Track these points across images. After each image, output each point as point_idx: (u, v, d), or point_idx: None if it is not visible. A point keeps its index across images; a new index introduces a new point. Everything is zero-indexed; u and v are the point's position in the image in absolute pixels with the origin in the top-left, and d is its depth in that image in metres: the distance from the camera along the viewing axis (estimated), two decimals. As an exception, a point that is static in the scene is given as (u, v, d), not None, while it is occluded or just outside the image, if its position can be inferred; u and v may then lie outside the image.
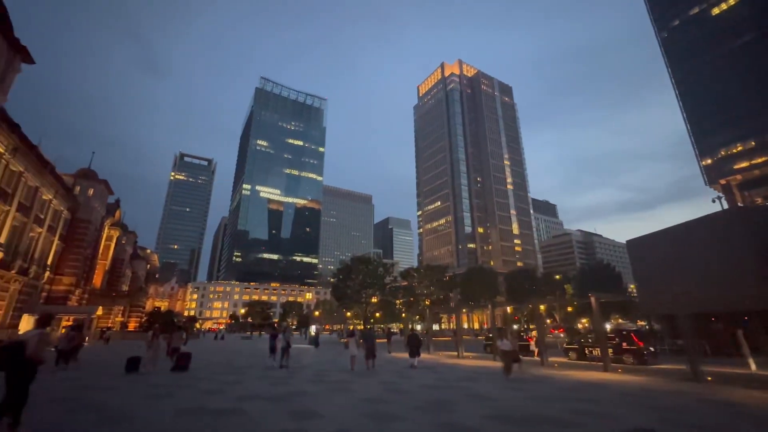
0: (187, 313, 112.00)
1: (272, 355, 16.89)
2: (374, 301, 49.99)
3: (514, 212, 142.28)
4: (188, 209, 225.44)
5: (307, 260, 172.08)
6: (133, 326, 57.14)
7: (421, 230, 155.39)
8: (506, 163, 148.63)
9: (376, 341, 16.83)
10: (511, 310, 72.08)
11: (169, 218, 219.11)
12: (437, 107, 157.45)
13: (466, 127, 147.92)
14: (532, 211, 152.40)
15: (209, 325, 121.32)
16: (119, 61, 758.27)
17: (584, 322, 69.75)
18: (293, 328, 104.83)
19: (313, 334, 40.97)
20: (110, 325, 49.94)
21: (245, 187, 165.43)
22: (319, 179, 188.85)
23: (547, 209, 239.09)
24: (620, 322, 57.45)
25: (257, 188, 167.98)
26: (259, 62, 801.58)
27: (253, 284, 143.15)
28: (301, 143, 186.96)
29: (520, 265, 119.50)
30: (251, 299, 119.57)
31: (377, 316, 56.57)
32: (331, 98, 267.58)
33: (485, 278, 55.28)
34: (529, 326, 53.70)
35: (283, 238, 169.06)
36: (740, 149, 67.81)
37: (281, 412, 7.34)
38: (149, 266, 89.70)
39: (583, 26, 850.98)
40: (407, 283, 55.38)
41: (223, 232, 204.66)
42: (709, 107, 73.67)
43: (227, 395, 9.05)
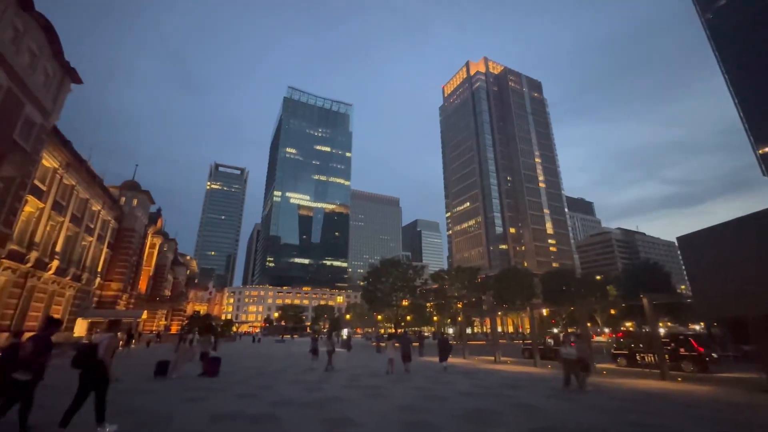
0: (224, 316, 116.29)
1: (314, 357, 17.24)
2: (405, 304, 49.42)
3: (547, 211, 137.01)
4: (223, 217, 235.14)
5: (337, 264, 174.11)
6: (175, 329, 59.90)
7: (450, 232, 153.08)
8: (537, 160, 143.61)
9: (411, 344, 16.92)
10: (547, 312, 68.99)
11: (206, 226, 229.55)
12: (463, 107, 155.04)
13: (494, 125, 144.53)
14: (566, 209, 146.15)
15: (245, 328, 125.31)
16: (159, 80, 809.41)
17: (629, 325, 65.49)
18: (324, 331, 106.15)
19: (345, 337, 41.00)
20: (155, 328, 52.59)
21: (276, 194, 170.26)
22: (346, 184, 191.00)
23: (582, 207, 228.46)
24: (669, 325, 53.39)
25: (287, 195, 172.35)
26: (286, 72, 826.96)
27: (285, 288, 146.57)
28: (328, 149, 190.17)
29: (555, 266, 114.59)
30: (284, 303, 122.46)
31: (408, 319, 55.94)
32: (356, 103, 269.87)
33: (520, 279, 53.20)
34: (569, 330, 51.08)
35: (313, 242, 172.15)
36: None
37: (315, 419, 7.10)
38: (189, 272, 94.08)
39: (617, 13, 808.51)
40: (438, 285, 54.40)
41: (256, 238, 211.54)
42: (764, 91, 67.43)
43: (261, 400, 8.96)
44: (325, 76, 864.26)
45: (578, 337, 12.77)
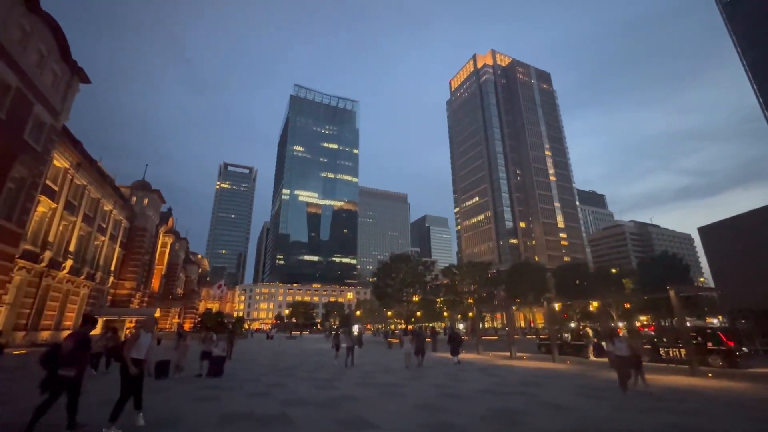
0: (236, 314, 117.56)
1: (337, 353, 17.77)
2: (416, 299, 49.03)
3: (558, 205, 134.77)
4: (233, 216, 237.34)
5: (346, 261, 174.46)
6: (188, 327, 60.52)
7: (459, 227, 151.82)
8: (547, 153, 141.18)
9: (425, 340, 17.36)
10: (559, 307, 67.98)
11: (216, 225, 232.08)
12: (471, 100, 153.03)
13: (502, 118, 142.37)
14: (578, 202, 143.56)
15: (257, 325, 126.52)
16: (170, 81, 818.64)
17: (643, 319, 64.13)
18: (336, 327, 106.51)
19: (356, 333, 40.87)
20: (169, 326, 53.15)
21: (284, 192, 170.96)
22: (354, 181, 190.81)
23: (594, 200, 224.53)
24: (685, 319, 52.01)
25: (296, 192, 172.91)
26: (292, 70, 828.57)
27: (295, 285, 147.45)
28: (335, 146, 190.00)
29: (567, 260, 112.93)
30: (294, 300, 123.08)
31: (418, 314, 55.58)
32: (363, 99, 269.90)
33: (532, 274, 52.28)
34: (581, 324, 50.09)
35: (322, 240, 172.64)
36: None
37: (329, 420, 6.74)
38: (201, 270, 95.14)
39: None
40: (448, 281, 53.81)
41: (266, 236, 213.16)
42: (787, 75, 64.83)
43: (273, 399, 8.66)
44: (331, 73, 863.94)
45: (613, 331, 11.21)
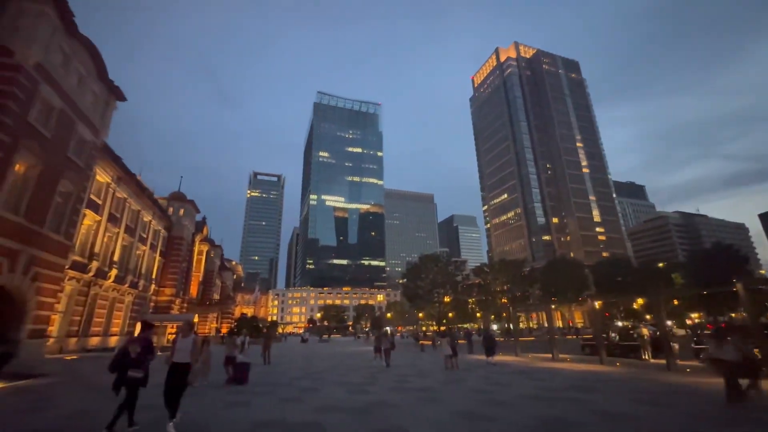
0: (270, 318, 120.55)
1: (377, 355, 18.07)
2: (447, 300, 48.02)
3: (593, 198, 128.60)
4: (264, 223, 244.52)
5: (374, 263, 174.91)
6: (225, 331, 62.53)
7: (488, 225, 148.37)
8: (579, 145, 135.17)
9: (458, 341, 17.48)
10: (599, 305, 64.45)
11: (248, 232, 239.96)
12: (495, 95, 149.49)
13: (529, 111, 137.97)
14: (614, 195, 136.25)
15: (290, 329, 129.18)
16: (197, 97, 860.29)
17: (694, 316, 59.54)
18: (367, 330, 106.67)
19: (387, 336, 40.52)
20: (207, 331, 55.14)
21: (312, 197, 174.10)
22: (379, 183, 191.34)
23: (633, 192, 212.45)
24: (732, 316, 47.67)
25: (323, 197, 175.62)
26: (315, 76, 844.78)
27: (326, 289, 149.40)
28: (359, 150, 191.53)
29: (605, 255, 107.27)
30: (325, 303, 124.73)
31: (450, 316, 54.41)
32: (384, 101, 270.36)
33: (569, 271, 49.75)
34: (629, 324, 47.01)
35: (350, 243, 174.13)
36: None
37: (364, 429, 6.35)
38: (235, 276, 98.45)
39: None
40: (480, 280, 52.31)
41: (295, 241, 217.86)
42: None
43: (305, 405, 8.39)
44: (353, 77, 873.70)
45: (721, 334, 9.25)
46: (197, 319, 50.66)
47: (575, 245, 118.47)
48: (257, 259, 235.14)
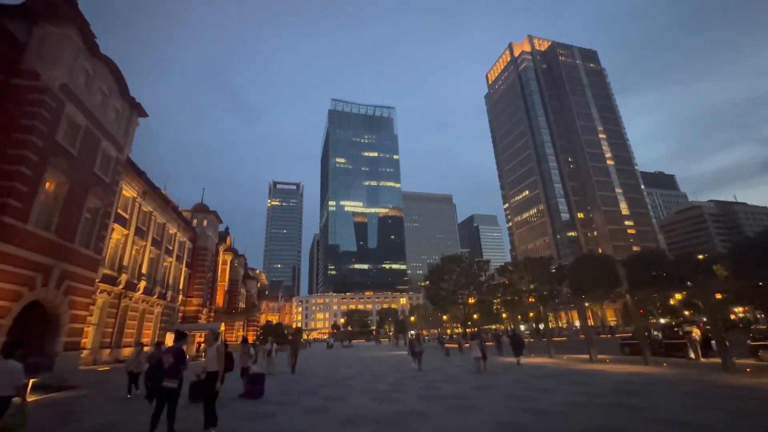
0: (294, 325, 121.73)
1: (413, 359, 18.09)
2: (471, 301, 46.83)
3: (619, 190, 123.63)
4: (285, 231, 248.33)
5: (395, 267, 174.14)
6: (251, 339, 63.34)
7: (510, 224, 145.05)
8: (601, 136, 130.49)
9: (484, 343, 17.04)
10: (635, 302, 61.46)
11: (270, 241, 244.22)
12: (510, 91, 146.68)
13: (546, 105, 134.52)
14: (642, 186, 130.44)
15: (315, 335, 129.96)
16: (218, 112, 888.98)
17: (739, 311, 55.78)
18: (391, 334, 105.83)
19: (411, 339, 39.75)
20: (233, 339, 55.89)
21: (330, 203, 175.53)
22: (397, 186, 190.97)
23: (662, 182, 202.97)
24: None
25: (341, 203, 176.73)
26: (328, 83, 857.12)
27: (348, 294, 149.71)
28: (375, 154, 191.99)
29: (636, 249, 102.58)
30: (348, 309, 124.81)
31: (475, 317, 53.00)
32: (398, 103, 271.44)
33: (599, 267, 47.52)
34: (673, 321, 44.35)
35: (370, 248, 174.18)
36: None
37: (395, 441, 5.87)
38: (259, 284, 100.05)
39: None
40: (505, 280, 50.72)
41: (316, 248, 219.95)
42: None
43: (331, 416, 7.97)
44: (366, 81, 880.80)
45: None
46: (224, 327, 51.47)
47: (603, 240, 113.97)
48: (280, 267, 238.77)
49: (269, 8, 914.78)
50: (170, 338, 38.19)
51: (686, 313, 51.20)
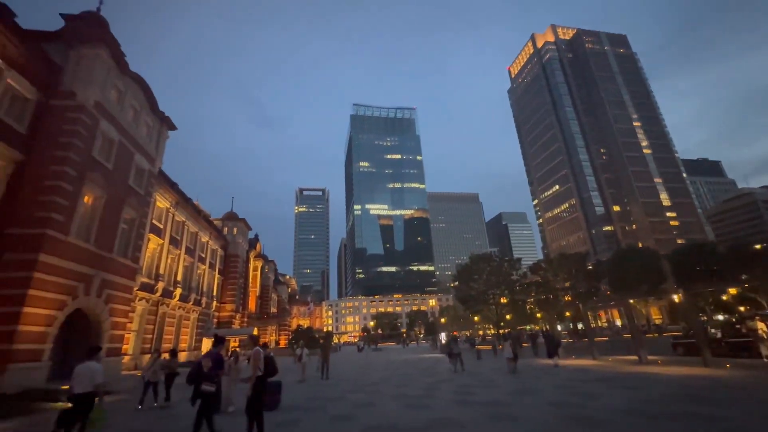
0: (325, 328, 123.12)
1: (452, 360, 18.23)
2: (504, 301, 45.26)
3: (658, 180, 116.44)
4: (313, 236, 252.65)
5: (423, 269, 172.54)
6: (283, 343, 64.47)
7: (540, 220, 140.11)
8: (636, 124, 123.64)
9: (518, 344, 17.90)
10: (679, 298, 57.37)
11: (299, 246, 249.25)
12: (535, 83, 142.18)
13: (574, 95, 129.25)
14: (684, 174, 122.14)
15: (345, 338, 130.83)
16: (242, 122, 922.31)
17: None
18: (421, 337, 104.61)
19: (443, 341, 38.79)
20: (267, 342, 57.04)
21: (356, 207, 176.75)
22: (421, 187, 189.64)
23: (707, 169, 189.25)
24: None
25: (366, 207, 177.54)
26: (350, 87, 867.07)
27: (377, 297, 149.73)
28: (399, 156, 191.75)
29: (680, 242, 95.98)
30: (378, 312, 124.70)
31: (508, 318, 51.16)
32: (420, 103, 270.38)
33: (641, 262, 44.51)
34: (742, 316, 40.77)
35: (397, 250, 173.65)
36: None
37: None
38: (290, 290, 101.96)
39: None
40: (539, 278, 48.63)
41: (344, 252, 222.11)
42: None
43: (358, 424, 7.56)
44: (387, 82, 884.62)
45: None
46: (257, 331, 52.55)
47: (643, 234, 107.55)
48: (309, 272, 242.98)
49: (287, 18, 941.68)
50: (207, 343, 39.37)
51: (741, 309, 47.04)
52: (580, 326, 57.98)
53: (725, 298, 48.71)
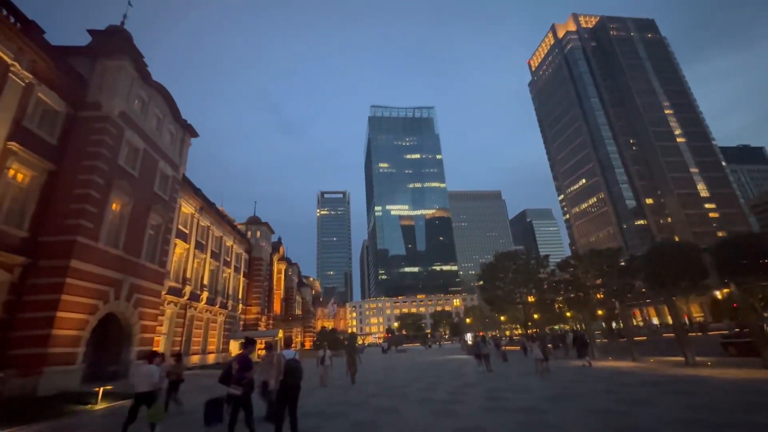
0: (349, 330, 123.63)
1: (479, 361, 18.48)
2: (531, 300, 43.63)
3: (695, 170, 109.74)
4: (335, 239, 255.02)
5: (446, 269, 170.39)
6: (308, 345, 64.99)
7: (567, 216, 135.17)
8: (668, 112, 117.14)
9: (547, 345, 17.70)
10: (721, 294, 53.45)
11: (322, 249, 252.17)
12: (557, 75, 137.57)
13: (599, 85, 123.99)
14: (724, 163, 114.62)
15: (370, 339, 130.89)
16: (265, 130, 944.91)
17: None
18: (446, 337, 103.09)
19: (469, 342, 37.80)
20: (292, 345, 57.61)
21: (377, 208, 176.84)
22: (442, 186, 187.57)
23: (748, 156, 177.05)
24: None
25: (387, 208, 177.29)
26: (369, 87, 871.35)
27: (401, 298, 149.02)
28: (418, 156, 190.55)
29: (721, 235, 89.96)
30: (401, 312, 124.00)
31: (536, 317, 49.30)
32: (438, 103, 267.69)
33: (681, 256, 41.70)
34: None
35: (419, 250, 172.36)
36: None
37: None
38: (314, 292, 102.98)
39: None
40: (568, 275, 46.61)
41: (366, 253, 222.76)
42: None
43: None
44: (405, 82, 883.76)
45: None
46: (282, 334, 53.16)
47: (679, 227, 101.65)
48: (332, 273, 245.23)
49: (304, 24, 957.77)
50: (234, 346, 40.06)
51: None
52: (614, 325, 55.10)
53: (776, 292, 45.02)
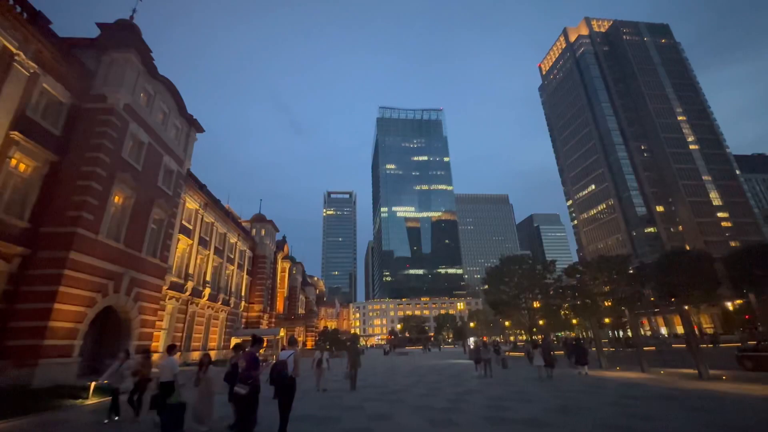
0: (352, 331, 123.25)
1: (478, 366, 18.27)
2: (536, 305, 42.94)
3: (708, 178, 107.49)
4: (340, 239, 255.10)
5: (451, 272, 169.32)
6: (310, 344, 64.75)
7: (575, 222, 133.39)
8: (681, 119, 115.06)
9: (552, 351, 16.75)
10: (733, 306, 52.29)
11: (327, 249, 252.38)
12: (568, 79, 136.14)
13: (611, 90, 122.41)
14: (738, 171, 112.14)
15: (373, 341, 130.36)
16: (273, 129, 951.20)
17: None
18: (449, 341, 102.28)
19: (471, 347, 37.10)
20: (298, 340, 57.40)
21: (383, 210, 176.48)
22: (449, 189, 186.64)
23: (762, 165, 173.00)
24: None
25: (393, 209, 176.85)
26: (377, 88, 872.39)
27: (405, 300, 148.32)
28: (425, 158, 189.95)
29: (734, 244, 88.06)
30: (405, 315, 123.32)
31: (541, 323, 48.50)
32: (446, 105, 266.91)
33: (692, 265, 40.64)
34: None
35: (424, 253, 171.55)
36: None
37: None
38: (318, 291, 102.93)
39: None
40: (575, 281, 45.75)
41: (371, 254, 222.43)
42: None
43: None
44: (413, 84, 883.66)
45: None
46: (283, 332, 52.94)
47: (691, 235, 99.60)
48: (337, 274, 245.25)
49: (315, 25, 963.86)
50: (233, 342, 39.78)
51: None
52: (620, 334, 54.02)
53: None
